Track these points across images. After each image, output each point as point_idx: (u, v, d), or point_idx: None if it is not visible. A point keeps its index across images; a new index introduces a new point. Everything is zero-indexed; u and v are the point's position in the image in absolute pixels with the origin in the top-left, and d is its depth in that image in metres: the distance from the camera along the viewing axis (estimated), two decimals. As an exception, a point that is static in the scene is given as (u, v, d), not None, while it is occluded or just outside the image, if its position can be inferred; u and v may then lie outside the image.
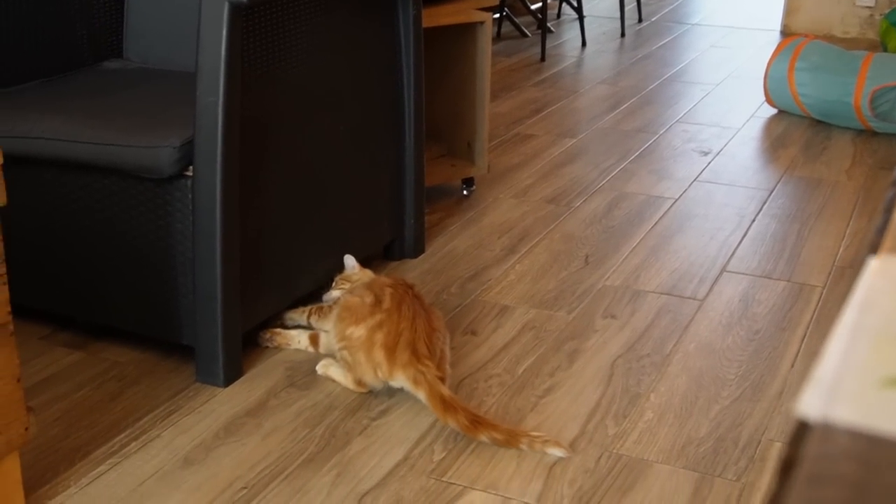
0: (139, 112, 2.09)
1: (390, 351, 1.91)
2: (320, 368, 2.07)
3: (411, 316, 1.93)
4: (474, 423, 1.81)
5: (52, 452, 1.83)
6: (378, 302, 1.96)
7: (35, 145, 2.03)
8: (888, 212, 0.66)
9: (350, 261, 2.18)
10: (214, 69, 1.88)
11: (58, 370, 2.09)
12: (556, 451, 1.80)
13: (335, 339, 2.00)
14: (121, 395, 2.01)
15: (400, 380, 1.91)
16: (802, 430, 0.41)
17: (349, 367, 1.98)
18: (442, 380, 1.89)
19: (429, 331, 1.93)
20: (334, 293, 2.14)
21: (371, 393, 2.00)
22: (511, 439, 1.80)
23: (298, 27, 2.09)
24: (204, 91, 1.90)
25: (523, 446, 1.80)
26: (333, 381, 2.04)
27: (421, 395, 1.88)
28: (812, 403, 0.41)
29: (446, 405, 1.83)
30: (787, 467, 0.39)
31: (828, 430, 0.40)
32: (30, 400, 1.94)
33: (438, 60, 3.01)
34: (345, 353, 1.98)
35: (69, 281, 2.12)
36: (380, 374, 1.93)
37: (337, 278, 2.18)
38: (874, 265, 0.56)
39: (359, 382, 1.99)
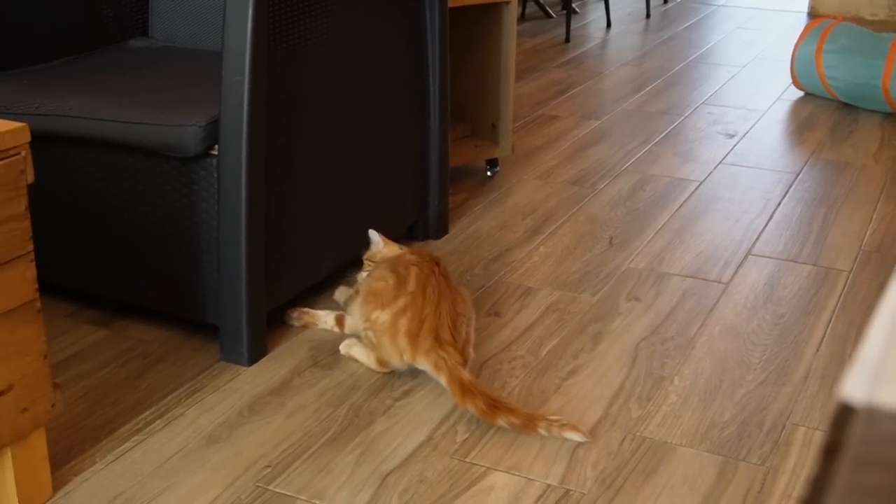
0: (165, 90, 2.09)
1: (413, 337, 1.91)
2: (343, 348, 2.07)
3: (436, 299, 1.92)
4: (492, 407, 1.81)
5: (78, 429, 1.84)
6: (402, 283, 1.95)
7: (61, 123, 2.04)
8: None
9: (374, 236, 2.17)
10: (240, 48, 1.88)
11: (83, 347, 2.10)
12: (575, 436, 1.79)
13: (360, 320, 2.01)
14: (146, 373, 2.02)
15: (423, 364, 1.92)
16: (846, 413, 0.40)
17: (373, 347, 1.99)
18: (464, 363, 1.88)
19: (453, 315, 1.93)
20: (363, 274, 2.14)
21: (394, 373, 2.00)
22: (529, 424, 1.80)
23: (324, 6, 2.08)
24: (230, 70, 1.89)
25: (542, 431, 1.79)
26: (356, 360, 2.04)
27: (442, 380, 1.88)
28: (856, 386, 0.41)
29: (465, 390, 1.83)
30: (831, 451, 0.39)
31: (872, 414, 0.39)
32: (56, 377, 1.95)
33: (463, 41, 2.99)
34: (370, 333, 1.98)
35: (95, 258, 2.13)
36: (404, 358, 1.93)
37: (364, 259, 2.17)
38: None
39: (382, 363, 1.99)
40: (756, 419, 1.89)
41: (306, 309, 2.19)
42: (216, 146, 1.95)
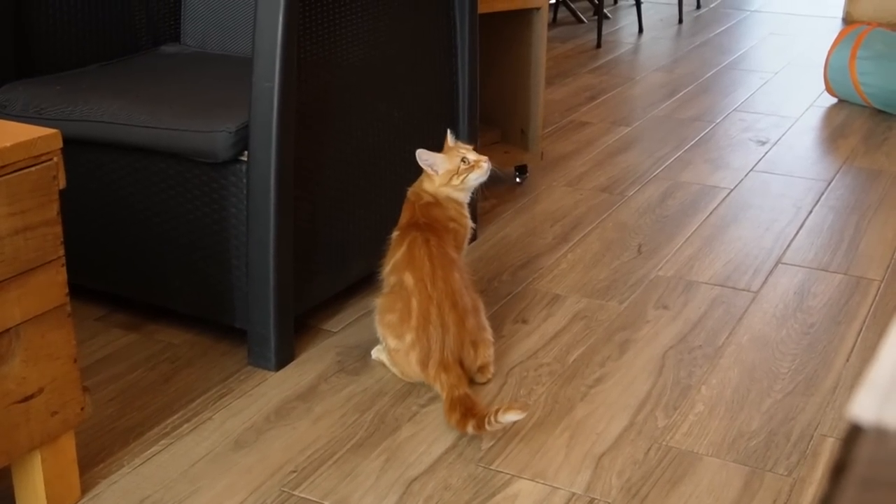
0: (196, 96, 2.11)
1: (423, 366, 1.94)
2: (375, 353, 2.09)
3: (440, 327, 1.92)
4: (464, 417, 1.81)
5: (107, 432, 1.86)
6: (406, 317, 1.95)
7: (93, 128, 2.06)
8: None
9: (427, 157, 2.07)
10: (271, 54, 1.89)
11: (113, 350, 2.12)
12: (512, 416, 1.76)
13: (379, 333, 2.03)
14: (174, 377, 2.03)
15: (433, 386, 1.95)
16: (855, 432, 0.40)
17: (392, 363, 2.03)
18: (467, 377, 1.93)
19: (458, 342, 1.94)
20: (471, 177, 2.07)
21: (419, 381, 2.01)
22: (479, 425, 1.79)
23: (354, 12, 2.09)
24: (260, 76, 1.91)
25: (487, 427, 1.77)
26: (385, 365, 2.06)
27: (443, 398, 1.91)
28: (866, 406, 0.41)
29: (451, 407, 1.84)
30: (839, 470, 0.39)
31: (881, 434, 0.39)
32: (85, 380, 1.98)
33: (494, 46, 3.00)
34: (387, 353, 2.04)
35: (125, 262, 2.15)
36: (418, 378, 1.99)
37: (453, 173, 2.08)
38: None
39: (402, 373, 2.01)
40: (784, 430, 1.87)
41: None
42: (246, 152, 1.96)
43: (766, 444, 1.83)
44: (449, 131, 2.12)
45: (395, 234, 2.06)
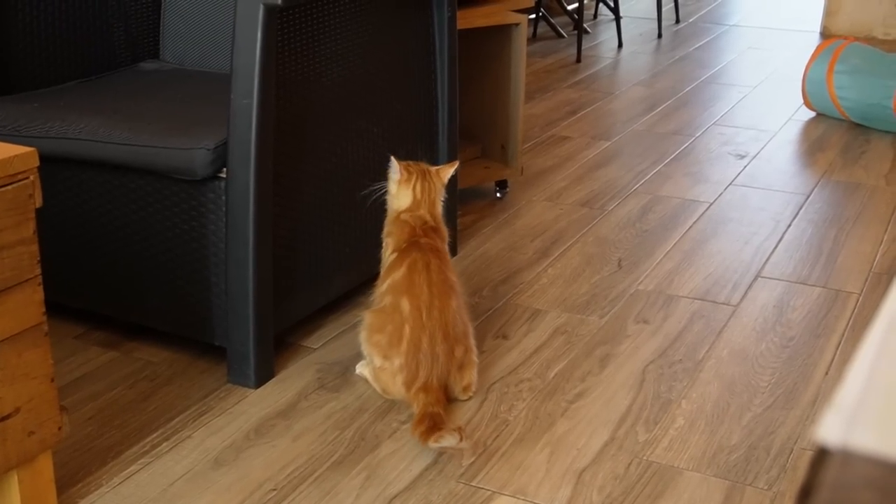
0: (174, 113, 2.10)
1: (408, 387, 1.93)
2: (359, 368, 2.09)
3: (430, 357, 1.92)
4: (427, 432, 1.81)
5: (85, 451, 1.84)
6: (396, 342, 1.94)
7: (71, 146, 2.05)
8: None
9: (394, 163, 2.08)
10: (249, 71, 1.89)
11: (91, 369, 2.11)
12: (449, 440, 1.75)
13: (364, 350, 2.03)
14: (153, 395, 2.02)
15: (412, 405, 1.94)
16: (822, 455, 0.40)
17: (375, 379, 2.03)
18: (444, 401, 1.92)
19: (445, 371, 1.93)
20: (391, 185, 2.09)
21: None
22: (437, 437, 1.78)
23: (333, 29, 2.09)
24: (238, 93, 1.90)
25: (431, 443, 1.77)
26: (366, 381, 2.05)
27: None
28: (832, 429, 0.41)
29: (418, 421, 1.84)
30: (806, 494, 0.39)
31: (847, 457, 0.39)
32: (63, 399, 1.96)
33: (473, 62, 3.00)
34: (370, 369, 2.04)
35: (104, 280, 2.14)
36: (400, 396, 1.98)
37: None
38: (902, 284, 0.55)
39: (385, 391, 2.01)
40: (764, 443, 1.88)
41: None
42: (224, 169, 1.96)
43: (746, 458, 1.83)
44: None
45: (392, 253, 2.04)
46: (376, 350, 1.99)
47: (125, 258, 2.10)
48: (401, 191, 2.07)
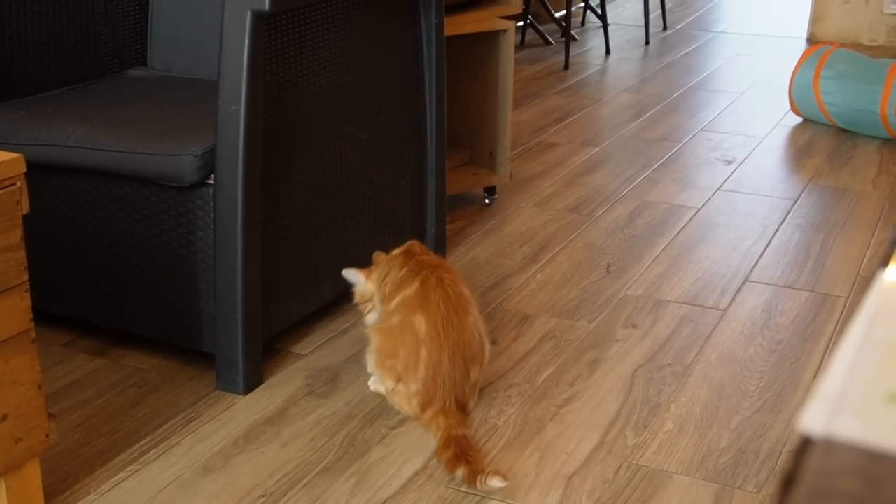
0: (162, 120, 2.10)
1: (423, 409, 1.91)
2: (373, 385, 2.05)
3: (448, 380, 1.89)
4: (455, 459, 1.78)
5: (73, 459, 1.84)
6: (413, 367, 1.90)
7: (59, 153, 2.05)
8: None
9: (351, 275, 2.10)
10: (237, 77, 1.89)
11: (79, 377, 2.11)
12: (497, 482, 1.71)
13: (373, 371, 2.01)
14: (141, 402, 2.02)
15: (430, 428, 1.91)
16: (805, 444, 0.40)
17: (389, 396, 2.00)
18: (464, 419, 1.90)
19: (462, 391, 1.91)
20: (369, 317, 2.09)
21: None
22: (471, 478, 1.74)
23: (321, 35, 2.09)
24: (226, 99, 1.90)
25: (478, 485, 1.73)
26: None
27: (437, 439, 1.87)
28: (815, 418, 0.41)
29: (445, 445, 1.81)
30: (788, 482, 0.39)
31: (830, 446, 0.39)
32: (51, 406, 1.96)
33: (461, 68, 3.01)
34: (386, 387, 2.00)
35: (92, 287, 2.13)
36: (414, 416, 1.96)
37: (358, 304, 2.12)
38: (885, 278, 0.56)
39: (399, 409, 1.99)
40: (752, 447, 1.88)
41: None
42: (212, 175, 1.95)
43: (735, 461, 1.84)
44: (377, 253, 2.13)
45: (401, 271, 1.99)
46: (389, 374, 1.95)
47: (113, 265, 2.09)
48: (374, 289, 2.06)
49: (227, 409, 1.99)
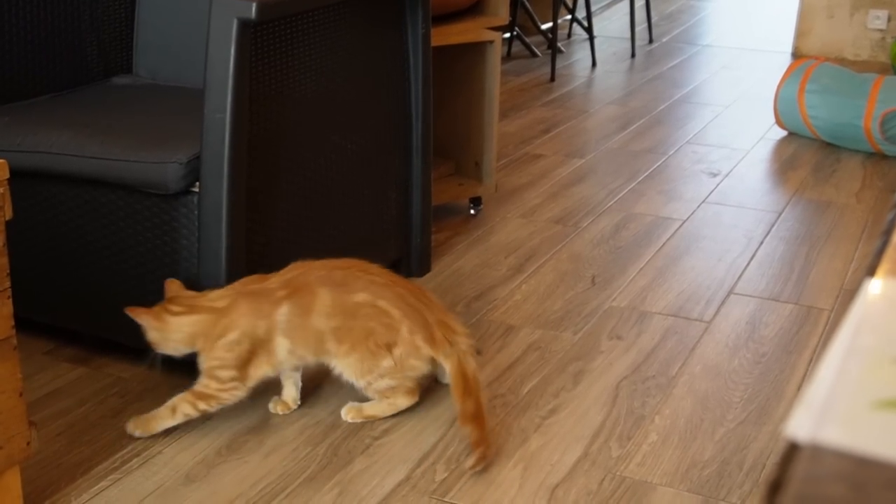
0: (147, 128, 2.10)
1: (430, 341, 1.91)
2: (349, 416, 1.98)
3: (414, 306, 1.92)
4: (470, 417, 1.85)
5: (54, 467, 1.82)
6: (392, 327, 1.90)
7: (43, 160, 2.04)
8: (887, 234, 0.66)
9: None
10: (222, 85, 1.88)
11: (61, 385, 2.09)
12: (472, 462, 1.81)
13: (364, 376, 1.93)
14: (124, 411, 2.00)
15: (440, 358, 1.92)
16: (791, 451, 0.40)
17: (394, 390, 1.95)
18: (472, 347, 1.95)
19: (435, 308, 1.96)
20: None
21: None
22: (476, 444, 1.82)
23: (307, 44, 2.09)
24: (211, 107, 1.90)
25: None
26: (378, 418, 1.98)
27: (448, 368, 1.91)
28: (802, 424, 0.41)
29: (467, 388, 1.87)
30: (775, 488, 0.38)
31: (817, 452, 0.39)
32: (32, 414, 1.94)
33: (448, 79, 3.01)
34: (386, 380, 1.94)
35: (74, 295, 2.12)
36: (428, 357, 1.94)
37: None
38: (870, 287, 0.56)
39: (410, 392, 1.97)
40: (736, 459, 1.88)
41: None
42: (197, 183, 1.95)
43: (719, 473, 1.84)
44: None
45: (277, 292, 1.90)
46: (380, 351, 1.90)
47: (96, 272, 2.08)
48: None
49: (209, 419, 1.98)
